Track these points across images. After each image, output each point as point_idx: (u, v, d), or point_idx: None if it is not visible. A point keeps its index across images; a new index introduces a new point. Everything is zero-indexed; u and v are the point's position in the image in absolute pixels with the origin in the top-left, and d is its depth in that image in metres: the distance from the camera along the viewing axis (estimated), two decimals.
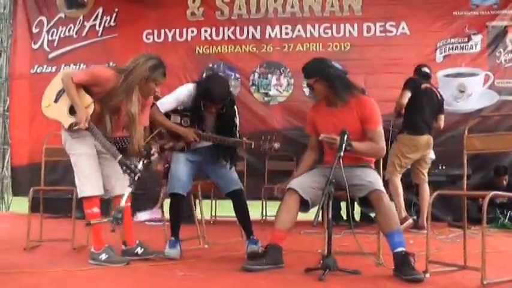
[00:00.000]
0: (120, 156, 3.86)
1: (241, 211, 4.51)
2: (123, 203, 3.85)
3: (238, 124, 4.49)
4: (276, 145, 4.17)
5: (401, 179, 6.57)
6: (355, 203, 4.06)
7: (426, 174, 6.75)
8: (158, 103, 4.34)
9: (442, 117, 6.84)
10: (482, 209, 3.43)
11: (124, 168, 3.82)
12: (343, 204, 7.46)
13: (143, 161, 3.88)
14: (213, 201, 7.69)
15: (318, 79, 3.89)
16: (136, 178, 3.77)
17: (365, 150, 3.85)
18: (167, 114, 4.37)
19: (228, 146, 4.36)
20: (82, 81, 4.00)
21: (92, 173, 4.07)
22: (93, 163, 4.09)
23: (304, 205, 3.81)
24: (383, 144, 3.91)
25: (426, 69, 6.84)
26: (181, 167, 4.41)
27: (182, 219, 4.58)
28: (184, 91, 4.37)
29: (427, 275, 3.51)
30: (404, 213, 6.31)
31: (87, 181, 4.06)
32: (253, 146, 4.20)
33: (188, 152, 4.43)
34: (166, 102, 4.37)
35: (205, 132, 4.34)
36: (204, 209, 5.52)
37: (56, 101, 4.16)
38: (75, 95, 3.97)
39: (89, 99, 4.01)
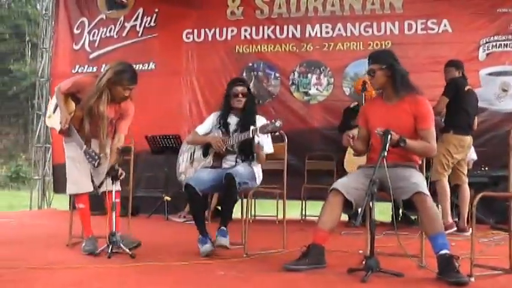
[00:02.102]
0: (84, 147, 4.34)
1: (223, 195, 4.56)
2: (114, 227, 4.26)
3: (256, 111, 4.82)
4: (278, 123, 4.28)
5: None
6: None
7: (466, 175, 6.63)
8: (196, 129, 4.91)
9: (476, 118, 6.75)
10: None
11: (87, 156, 4.31)
12: None
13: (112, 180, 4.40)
14: (253, 201, 7.66)
15: (383, 67, 3.92)
16: (96, 165, 4.27)
17: (418, 147, 3.84)
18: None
19: (246, 145, 4.60)
20: (67, 89, 4.54)
21: (72, 175, 4.54)
22: (76, 165, 4.50)
23: (348, 206, 3.78)
24: (435, 144, 3.90)
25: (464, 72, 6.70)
26: (204, 171, 4.61)
27: (203, 215, 4.63)
28: (213, 114, 4.92)
29: (472, 279, 3.42)
30: (450, 219, 6.17)
31: (70, 181, 4.55)
32: (258, 131, 4.38)
33: (216, 168, 4.63)
34: (202, 126, 4.90)
35: (231, 137, 4.63)
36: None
37: (54, 112, 4.74)
38: (61, 102, 4.54)
39: (73, 106, 4.53)
